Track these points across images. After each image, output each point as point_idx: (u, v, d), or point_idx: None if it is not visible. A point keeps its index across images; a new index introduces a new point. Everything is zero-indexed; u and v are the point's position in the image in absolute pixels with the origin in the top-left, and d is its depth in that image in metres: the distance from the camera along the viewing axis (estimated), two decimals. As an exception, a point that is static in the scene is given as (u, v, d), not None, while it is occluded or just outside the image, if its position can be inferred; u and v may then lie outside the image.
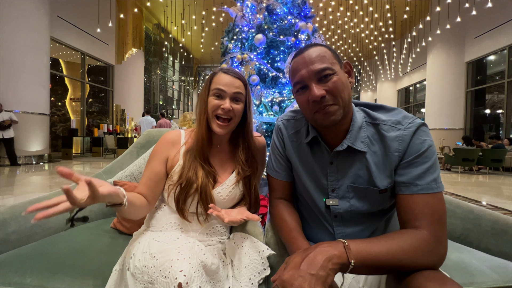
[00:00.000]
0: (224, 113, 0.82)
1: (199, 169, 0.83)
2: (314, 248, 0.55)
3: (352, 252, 0.54)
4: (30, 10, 5.98)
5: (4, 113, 5.61)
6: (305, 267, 0.51)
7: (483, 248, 0.97)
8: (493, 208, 3.18)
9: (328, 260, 0.52)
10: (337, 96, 0.66)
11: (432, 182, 0.62)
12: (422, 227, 0.58)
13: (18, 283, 0.72)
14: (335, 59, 0.69)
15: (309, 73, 0.67)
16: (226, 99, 0.82)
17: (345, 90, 0.67)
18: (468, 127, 9.48)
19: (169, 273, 0.58)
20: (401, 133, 0.66)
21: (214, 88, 0.83)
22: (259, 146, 0.96)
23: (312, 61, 0.67)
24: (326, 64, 0.66)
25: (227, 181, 0.87)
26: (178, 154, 0.87)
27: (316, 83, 0.67)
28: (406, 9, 8.81)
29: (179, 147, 0.88)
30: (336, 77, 0.66)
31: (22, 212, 0.97)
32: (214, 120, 0.83)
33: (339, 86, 0.66)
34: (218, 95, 0.83)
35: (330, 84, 0.66)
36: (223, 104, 0.81)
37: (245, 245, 0.79)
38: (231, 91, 0.83)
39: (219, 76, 0.85)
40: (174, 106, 16.88)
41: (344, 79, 0.68)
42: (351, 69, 0.73)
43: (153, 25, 13.06)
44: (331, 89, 0.66)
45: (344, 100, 0.67)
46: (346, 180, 0.72)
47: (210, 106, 0.83)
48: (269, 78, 2.31)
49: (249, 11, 2.42)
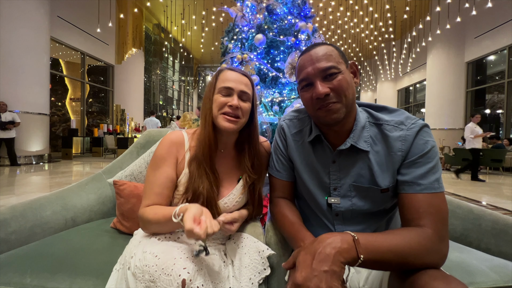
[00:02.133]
0: (232, 111, 0.78)
1: (205, 179, 0.79)
2: (322, 241, 0.53)
3: (361, 247, 0.52)
4: (30, 10, 5.99)
5: (7, 113, 5.61)
6: (317, 265, 0.49)
7: (483, 248, 0.97)
8: (493, 208, 3.17)
9: (339, 254, 0.50)
10: (341, 95, 0.67)
11: (435, 182, 0.62)
12: (427, 226, 0.58)
13: (18, 283, 0.72)
14: (341, 59, 0.70)
15: (314, 71, 0.68)
16: (234, 95, 0.79)
17: (349, 89, 0.68)
18: (468, 127, 9.48)
19: (172, 271, 0.58)
20: (404, 133, 0.67)
21: (220, 86, 0.80)
22: (264, 152, 0.94)
23: (318, 59, 0.68)
24: (332, 63, 0.67)
25: (233, 191, 0.85)
26: (184, 161, 0.83)
27: (321, 81, 0.68)
28: (406, 9, 8.80)
29: (184, 152, 0.84)
30: (341, 76, 0.67)
31: (22, 212, 0.97)
32: (222, 116, 0.79)
33: (344, 85, 0.67)
34: (225, 93, 0.80)
35: (335, 82, 0.67)
36: (231, 101, 0.78)
37: (245, 245, 0.79)
38: (239, 88, 0.80)
39: (226, 73, 0.82)
40: (174, 106, 16.88)
41: (349, 79, 0.69)
42: (356, 69, 0.74)
43: (153, 25, 13.06)
44: (335, 87, 0.67)
45: (348, 99, 0.68)
46: (348, 179, 0.73)
47: (216, 104, 0.79)
48: (269, 78, 2.31)
49: (249, 11, 2.42)
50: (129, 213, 1.06)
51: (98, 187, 1.28)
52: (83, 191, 1.23)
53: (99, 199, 1.25)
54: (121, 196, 1.10)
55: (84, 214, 1.17)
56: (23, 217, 0.96)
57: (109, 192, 1.29)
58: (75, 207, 1.15)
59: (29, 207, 1.01)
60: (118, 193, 1.12)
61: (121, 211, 1.09)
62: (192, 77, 18.23)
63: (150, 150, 1.27)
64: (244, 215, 0.87)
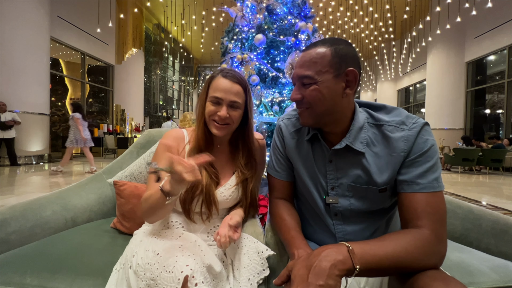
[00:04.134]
0: (220, 120, 0.81)
1: (203, 170, 0.83)
2: (317, 254, 0.53)
3: (356, 257, 0.52)
4: (30, 10, 5.98)
5: (7, 114, 5.61)
6: (313, 279, 0.49)
7: (483, 248, 0.97)
8: (493, 208, 3.18)
9: (334, 267, 0.50)
10: (311, 104, 0.68)
11: (434, 181, 0.62)
12: (424, 226, 0.58)
13: (18, 283, 0.72)
14: (329, 67, 0.65)
15: (295, 75, 0.70)
16: (223, 106, 0.81)
17: (324, 102, 0.66)
18: (468, 127, 9.48)
19: (173, 268, 0.59)
20: (406, 133, 0.67)
21: (211, 95, 0.82)
22: (258, 149, 0.95)
23: (302, 64, 0.69)
24: (309, 72, 0.66)
25: (229, 181, 0.88)
26: (184, 152, 0.88)
27: (300, 86, 0.69)
28: (406, 9, 8.80)
29: (184, 145, 0.89)
30: (315, 86, 0.66)
31: (22, 212, 0.98)
32: (212, 122, 0.83)
33: (315, 96, 0.67)
34: (215, 101, 0.82)
35: (307, 91, 0.68)
36: (220, 112, 0.80)
37: (245, 245, 0.79)
38: (228, 98, 0.81)
39: (218, 81, 0.82)
40: (174, 106, 16.88)
41: (326, 90, 0.66)
42: (353, 78, 0.67)
43: (153, 25, 13.06)
44: (306, 96, 0.68)
45: (319, 109, 0.68)
46: (345, 179, 0.73)
47: (207, 111, 0.83)
48: (269, 78, 2.31)
49: (249, 11, 2.42)
50: (130, 213, 1.06)
51: (98, 187, 1.28)
52: (83, 191, 1.23)
53: (99, 199, 1.25)
54: (122, 197, 1.10)
55: (84, 214, 1.17)
56: (23, 217, 0.96)
57: (109, 192, 1.29)
58: (75, 207, 1.15)
59: (29, 207, 1.01)
60: (119, 193, 1.12)
61: (121, 211, 1.09)
62: (192, 77, 18.24)
63: (150, 150, 1.28)
64: (241, 220, 0.86)
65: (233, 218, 0.80)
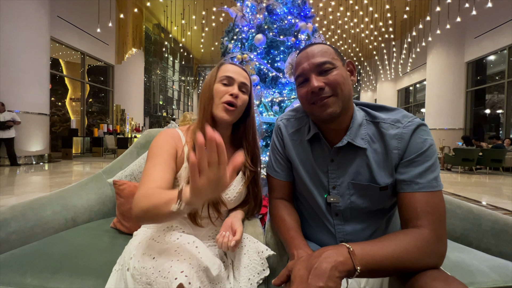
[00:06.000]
0: (232, 99, 0.80)
1: None
2: (318, 256, 0.53)
3: (357, 258, 0.52)
4: (30, 10, 5.98)
5: (6, 113, 5.61)
6: (313, 280, 0.49)
7: (483, 248, 0.97)
8: (493, 208, 3.17)
9: (335, 268, 0.50)
10: (336, 88, 0.67)
11: (433, 180, 0.62)
12: (424, 226, 0.58)
13: (18, 283, 0.72)
14: (337, 56, 0.71)
15: (310, 66, 0.69)
16: (235, 85, 0.83)
17: (345, 84, 0.69)
18: (468, 127, 9.48)
19: (168, 273, 0.57)
20: (400, 131, 0.67)
21: (222, 75, 0.83)
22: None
23: (314, 55, 0.70)
24: (326, 58, 0.69)
25: (234, 182, 0.86)
26: (183, 154, 0.81)
27: (317, 75, 0.69)
28: (406, 9, 8.80)
29: (182, 146, 0.83)
30: (336, 71, 0.68)
31: (22, 212, 0.98)
32: (222, 105, 0.80)
33: (339, 79, 0.68)
34: (226, 82, 0.83)
35: (330, 77, 0.68)
36: (232, 90, 0.81)
37: (245, 245, 0.79)
38: (239, 79, 0.83)
39: (227, 65, 0.86)
40: (174, 106, 16.88)
41: (345, 75, 0.70)
42: (353, 68, 0.74)
43: (153, 25, 13.06)
44: (331, 81, 0.67)
45: (344, 93, 0.68)
46: (346, 177, 0.73)
47: (217, 92, 0.82)
48: (269, 78, 2.31)
49: (249, 11, 2.42)
50: (129, 213, 1.06)
51: (98, 187, 1.28)
52: (83, 191, 1.23)
53: (99, 199, 1.25)
54: (121, 196, 1.10)
55: (84, 214, 1.17)
56: (23, 217, 0.96)
57: (109, 192, 1.29)
58: (75, 207, 1.15)
59: (29, 207, 1.01)
60: (118, 193, 1.12)
61: (121, 211, 1.09)
62: (192, 77, 18.24)
63: (150, 150, 1.27)
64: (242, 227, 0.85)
65: (236, 229, 0.77)
